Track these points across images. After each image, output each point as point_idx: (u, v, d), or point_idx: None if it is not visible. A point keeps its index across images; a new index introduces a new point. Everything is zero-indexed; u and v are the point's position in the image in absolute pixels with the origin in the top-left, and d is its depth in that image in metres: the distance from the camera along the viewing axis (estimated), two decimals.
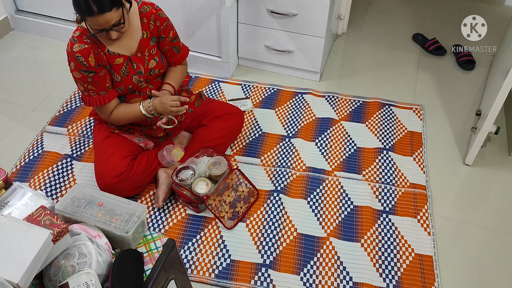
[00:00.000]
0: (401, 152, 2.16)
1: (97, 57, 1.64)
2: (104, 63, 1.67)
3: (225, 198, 1.85)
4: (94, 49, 1.63)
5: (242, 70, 2.63)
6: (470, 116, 2.37)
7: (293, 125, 2.26)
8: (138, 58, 1.75)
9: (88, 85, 1.66)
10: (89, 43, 1.62)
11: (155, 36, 1.79)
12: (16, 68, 2.59)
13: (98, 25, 1.54)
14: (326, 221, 1.85)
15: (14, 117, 2.28)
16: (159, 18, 1.76)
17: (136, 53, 1.74)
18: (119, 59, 1.70)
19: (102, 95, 1.70)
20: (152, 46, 1.78)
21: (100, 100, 1.70)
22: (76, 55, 1.60)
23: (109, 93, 1.71)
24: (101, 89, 1.69)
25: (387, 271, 1.69)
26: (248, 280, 1.66)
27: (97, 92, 1.69)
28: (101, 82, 1.68)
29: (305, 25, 2.33)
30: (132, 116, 1.78)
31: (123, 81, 1.73)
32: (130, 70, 1.74)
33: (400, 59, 2.77)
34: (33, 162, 2.03)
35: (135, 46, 1.73)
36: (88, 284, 1.00)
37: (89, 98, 1.71)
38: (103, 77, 1.67)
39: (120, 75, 1.72)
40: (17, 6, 2.79)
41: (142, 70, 1.77)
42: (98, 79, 1.66)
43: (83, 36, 1.62)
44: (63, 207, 1.18)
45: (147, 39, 1.76)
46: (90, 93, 1.69)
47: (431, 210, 1.91)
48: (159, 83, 1.86)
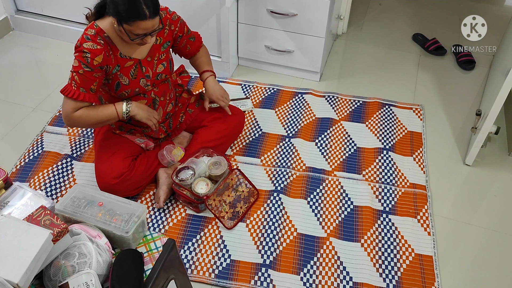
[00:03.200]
0: (401, 152, 2.16)
1: (106, 59, 1.61)
2: (111, 66, 1.65)
3: (225, 198, 1.85)
4: (106, 51, 1.61)
5: (242, 70, 2.63)
6: (470, 116, 2.37)
7: (293, 125, 2.26)
8: (147, 62, 1.75)
9: (76, 75, 1.60)
10: (102, 44, 1.60)
11: (169, 41, 1.80)
12: (16, 68, 2.59)
13: (144, 29, 1.54)
14: (326, 221, 1.85)
15: (14, 117, 2.28)
16: (173, 22, 1.78)
17: (146, 57, 1.74)
18: (130, 62, 1.70)
19: (80, 91, 1.62)
20: (162, 52, 1.79)
21: (74, 93, 1.62)
22: (84, 51, 1.58)
23: (87, 94, 1.64)
24: (83, 86, 1.62)
25: (387, 271, 1.69)
26: (248, 280, 1.66)
27: (78, 86, 1.62)
28: (88, 81, 1.62)
29: (305, 25, 2.33)
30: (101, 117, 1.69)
31: (131, 83, 1.72)
32: (139, 73, 1.73)
33: (400, 59, 2.77)
34: (33, 162, 2.03)
35: (147, 50, 1.74)
36: (88, 284, 1.00)
37: (68, 86, 1.62)
38: (94, 78, 1.62)
39: (128, 77, 1.71)
40: (17, 6, 2.79)
41: (150, 74, 1.77)
42: (88, 76, 1.61)
43: (98, 37, 1.60)
44: (63, 207, 1.18)
45: (159, 45, 1.77)
46: (72, 82, 1.62)
47: (431, 210, 1.91)
48: (164, 86, 1.86)
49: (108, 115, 1.70)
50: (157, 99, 1.83)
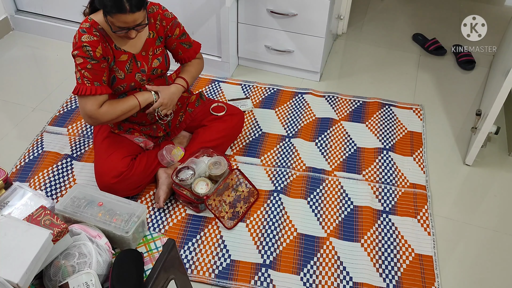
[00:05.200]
0: (401, 152, 2.16)
1: (104, 49, 1.64)
2: (110, 58, 1.67)
3: (225, 198, 1.85)
4: (102, 42, 1.64)
5: (242, 70, 2.63)
6: (470, 116, 2.37)
7: (293, 125, 2.26)
8: (142, 56, 1.75)
9: (85, 71, 1.62)
10: (98, 36, 1.62)
11: (162, 36, 1.80)
12: (16, 68, 2.59)
13: (125, 23, 1.55)
14: (326, 221, 1.85)
15: (14, 117, 2.28)
16: (165, 18, 1.78)
17: (141, 51, 1.75)
18: (124, 55, 1.70)
19: (95, 85, 1.65)
20: (157, 46, 1.79)
21: (92, 90, 1.64)
22: (83, 45, 1.59)
23: (102, 87, 1.67)
24: (97, 79, 1.65)
25: (387, 271, 1.69)
26: (248, 280, 1.66)
27: (91, 81, 1.64)
28: (99, 73, 1.65)
29: (305, 25, 2.33)
30: (126, 107, 1.73)
31: (126, 78, 1.73)
32: (134, 68, 1.74)
33: (400, 59, 2.77)
34: (33, 162, 2.03)
35: (141, 44, 1.74)
36: (88, 284, 1.00)
37: (81, 86, 1.64)
38: (102, 69, 1.65)
39: (124, 71, 1.72)
40: (17, 6, 2.79)
41: (146, 69, 1.77)
42: (97, 68, 1.64)
43: (92, 29, 1.62)
44: (63, 207, 1.18)
45: (153, 39, 1.77)
46: (84, 80, 1.63)
47: (431, 210, 1.91)
48: (160, 81, 1.86)
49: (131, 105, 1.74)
50: None
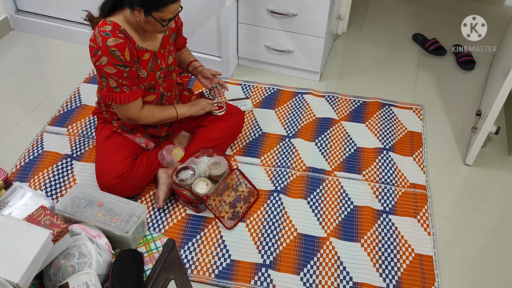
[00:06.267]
0: (401, 152, 2.16)
1: (130, 51, 1.61)
2: (135, 58, 1.66)
3: (225, 198, 1.85)
4: (127, 43, 1.60)
5: (242, 70, 2.63)
6: (470, 116, 2.37)
7: (293, 125, 2.26)
8: (161, 54, 1.76)
9: (123, 80, 1.63)
10: (123, 38, 1.59)
11: (175, 32, 1.83)
12: (16, 68, 2.59)
13: (174, 12, 1.58)
14: (326, 221, 1.85)
15: (14, 117, 2.28)
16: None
17: (160, 49, 1.76)
18: (147, 54, 1.70)
19: (134, 90, 1.68)
20: (171, 43, 1.82)
21: (133, 95, 1.68)
22: (111, 49, 1.56)
23: (138, 89, 1.70)
24: (134, 83, 1.67)
25: (387, 271, 1.69)
26: (248, 280, 1.66)
27: (130, 87, 1.66)
28: (134, 77, 1.66)
29: (305, 25, 2.33)
30: (164, 116, 1.84)
31: (149, 76, 1.73)
32: (155, 66, 1.75)
33: (400, 59, 2.77)
34: (33, 162, 2.03)
35: (159, 42, 1.75)
36: (88, 284, 1.00)
37: (121, 94, 1.65)
38: (134, 72, 1.66)
39: (147, 70, 1.71)
40: (17, 6, 2.79)
41: (164, 66, 1.79)
42: (132, 74, 1.64)
43: (116, 31, 1.58)
44: (63, 207, 1.18)
45: (168, 37, 1.79)
46: (123, 88, 1.65)
47: (431, 210, 1.91)
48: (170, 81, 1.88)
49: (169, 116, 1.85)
50: (165, 94, 1.85)
